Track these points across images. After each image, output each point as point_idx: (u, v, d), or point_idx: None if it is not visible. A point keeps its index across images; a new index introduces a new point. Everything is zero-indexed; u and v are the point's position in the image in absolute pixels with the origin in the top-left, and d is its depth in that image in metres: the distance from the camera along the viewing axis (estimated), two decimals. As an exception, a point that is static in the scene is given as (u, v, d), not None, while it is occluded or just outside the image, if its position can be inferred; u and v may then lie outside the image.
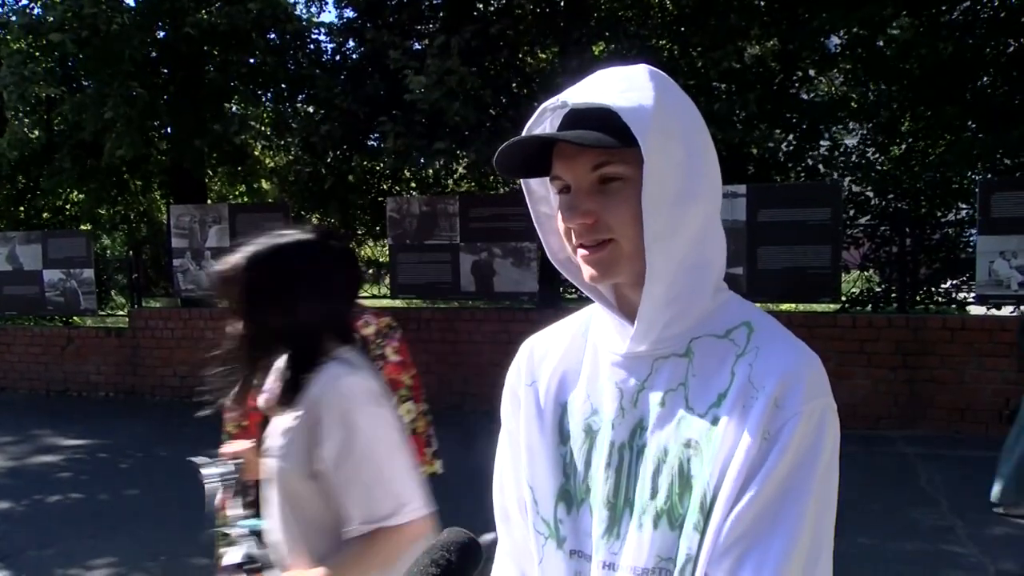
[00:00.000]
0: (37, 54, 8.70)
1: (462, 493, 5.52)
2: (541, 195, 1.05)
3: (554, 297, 9.02)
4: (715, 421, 0.93)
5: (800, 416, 0.89)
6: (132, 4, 8.50)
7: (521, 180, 1.05)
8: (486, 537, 1.06)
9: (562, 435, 1.06)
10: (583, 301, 1.11)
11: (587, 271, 0.97)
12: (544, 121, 0.99)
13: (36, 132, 10.31)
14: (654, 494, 0.96)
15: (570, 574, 1.02)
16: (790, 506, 0.88)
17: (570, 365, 1.08)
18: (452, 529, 0.93)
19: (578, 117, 0.94)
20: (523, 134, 0.97)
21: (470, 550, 0.89)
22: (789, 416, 0.89)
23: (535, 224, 1.06)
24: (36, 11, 8.87)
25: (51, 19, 7.93)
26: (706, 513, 0.91)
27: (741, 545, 0.89)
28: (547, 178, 1.01)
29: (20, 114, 9.72)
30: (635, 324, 0.97)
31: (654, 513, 0.95)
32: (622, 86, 0.93)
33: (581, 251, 0.96)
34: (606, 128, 0.90)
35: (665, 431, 0.96)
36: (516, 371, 1.14)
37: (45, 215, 13.04)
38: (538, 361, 1.12)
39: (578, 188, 0.95)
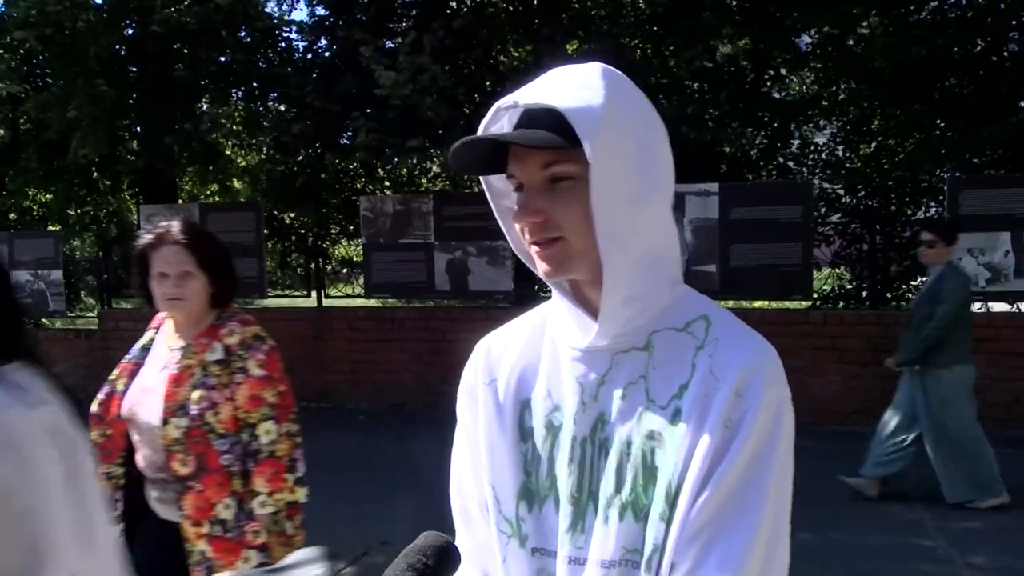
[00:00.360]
0: (1, 51, 8.56)
1: (441, 494, 5.51)
2: (501, 190, 1.06)
3: (529, 296, 9.00)
4: (677, 412, 0.95)
5: (760, 405, 0.91)
6: (99, 1, 8.37)
7: (481, 177, 1.05)
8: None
9: (522, 432, 1.06)
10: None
11: (541, 266, 0.98)
12: (501, 119, 0.99)
13: (1, 131, 10.14)
14: (619, 487, 0.97)
15: (533, 572, 1.02)
16: (753, 493, 0.91)
17: (529, 361, 1.08)
18: (428, 533, 0.91)
19: (533, 116, 0.94)
20: (478, 133, 0.97)
21: (447, 554, 0.88)
22: (750, 405, 0.91)
23: (497, 218, 1.07)
24: (0, 7, 8.73)
25: (15, 15, 7.79)
26: (671, 503, 0.93)
27: (707, 532, 0.91)
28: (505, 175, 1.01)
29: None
30: (598, 321, 0.98)
31: (619, 506, 0.96)
32: (574, 85, 0.93)
33: (534, 247, 0.98)
34: (558, 127, 0.91)
35: (627, 424, 0.97)
36: (473, 369, 1.15)
37: (12, 216, 12.83)
38: (496, 359, 1.12)
39: (529, 187, 0.96)
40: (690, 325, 0.99)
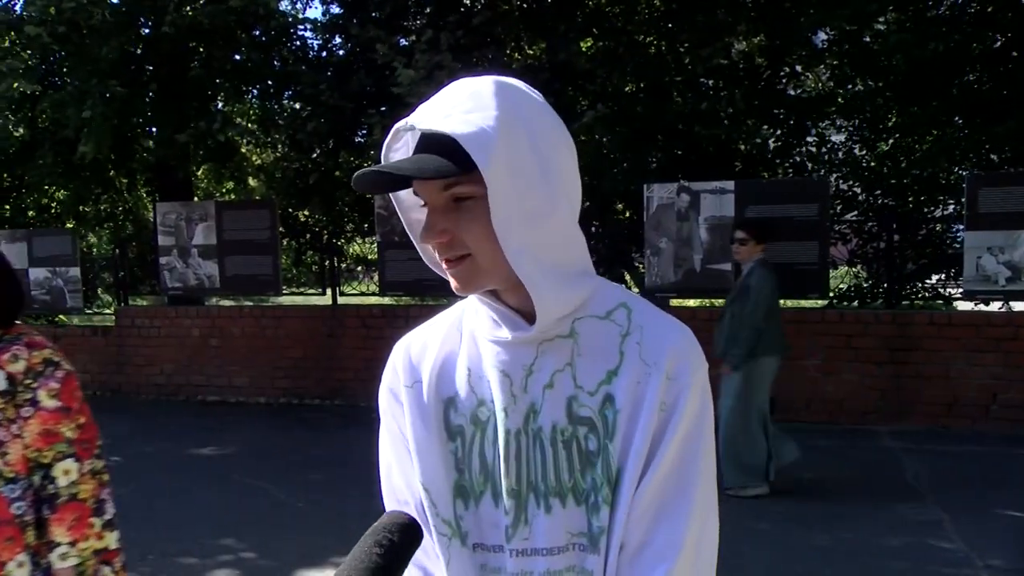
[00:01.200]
0: (17, 49, 8.61)
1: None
2: (409, 203, 1.07)
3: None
4: (608, 398, 0.99)
5: (690, 387, 0.98)
6: (115, 0, 8.41)
7: (390, 194, 1.05)
8: None
9: (449, 431, 1.07)
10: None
11: (452, 282, 1.01)
12: (402, 138, 1.01)
13: (21, 129, 10.22)
14: (556, 475, 1.00)
15: (476, 568, 1.04)
16: (690, 469, 0.98)
17: (448, 359, 1.09)
18: (392, 511, 0.96)
19: (431, 138, 0.95)
20: (382, 154, 1.01)
21: (411, 530, 0.92)
22: (682, 387, 0.98)
23: (407, 231, 1.08)
24: (17, 7, 8.79)
25: (32, 14, 7.84)
26: (614, 486, 0.98)
27: (652, 510, 0.97)
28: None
29: (7, 112, 9.62)
30: (535, 325, 0.99)
31: (559, 493, 0.99)
32: (467, 106, 0.94)
33: (444, 263, 1.01)
34: (455, 148, 0.91)
35: (557, 411, 1.00)
36: (393, 371, 1.15)
37: (31, 214, 12.93)
38: (416, 359, 1.12)
39: (433, 207, 0.98)
40: (611, 313, 1.02)
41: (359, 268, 11.92)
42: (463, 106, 0.94)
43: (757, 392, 5.25)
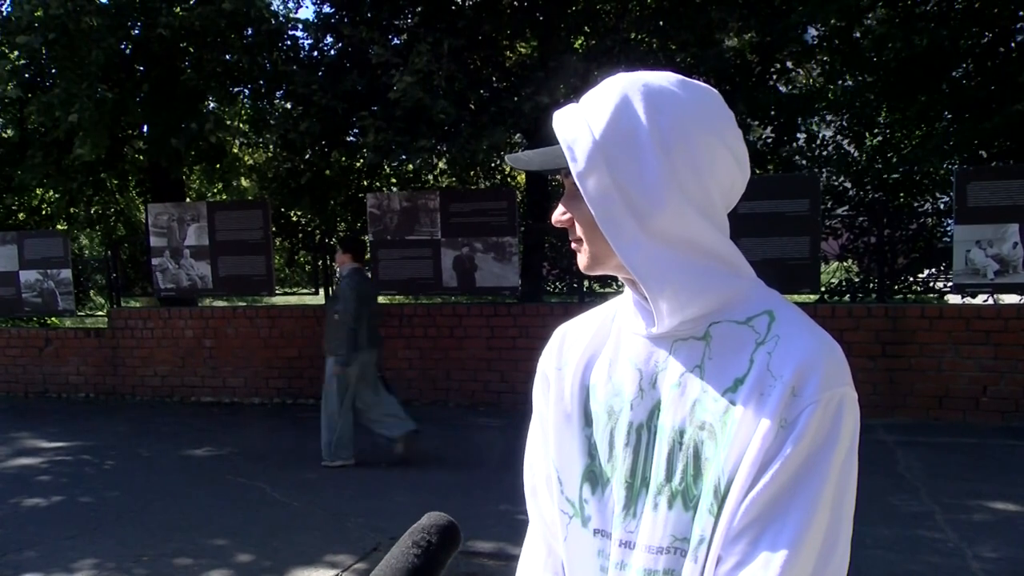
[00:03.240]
0: (5, 50, 8.56)
1: (448, 489, 5.53)
2: None
3: (536, 291, 9.03)
4: (731, 406, 0.95)
5: (817, 404, 0.91)
6: (105, 1, 8.37)
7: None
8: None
9: (587, 417, 1.09)
10: (564, 296, 1.14)
11: (578, 261, 1.07)
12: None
13: (9, 130, 10.18)
14: (669, 475, 0.98)
15: (594, 551, 1.05)
16: (804, 493, 0.90)
17: (596, 349, 1.12)
18: (432, 513, 0.95)
19: None
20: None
21: (450, 533, 0.92)
22: (806, 404, 0.91)
23: None
24: (6, 9, 8.74)
25: (20, 18, 7.78)
26: (720, 497, 0.93)
27: (754, 529, 0.91)
28: None
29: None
30: (656, 320, 1.01)
31: (669, 493, 0.98)
32: (585, 113, 0.99)
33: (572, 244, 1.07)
34: None
35: (680, 412, 0.99)
36: (548, 356, 1.18)
37: (21, 216, 12.88)
38: (569, 346, 1.16)
39: (565, 191, 1.05)
40: (752, 320, 0.99)
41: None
42: (583, 111, 0.99)
43: (355, 380, 6.20)
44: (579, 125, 0.98)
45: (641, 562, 0.99)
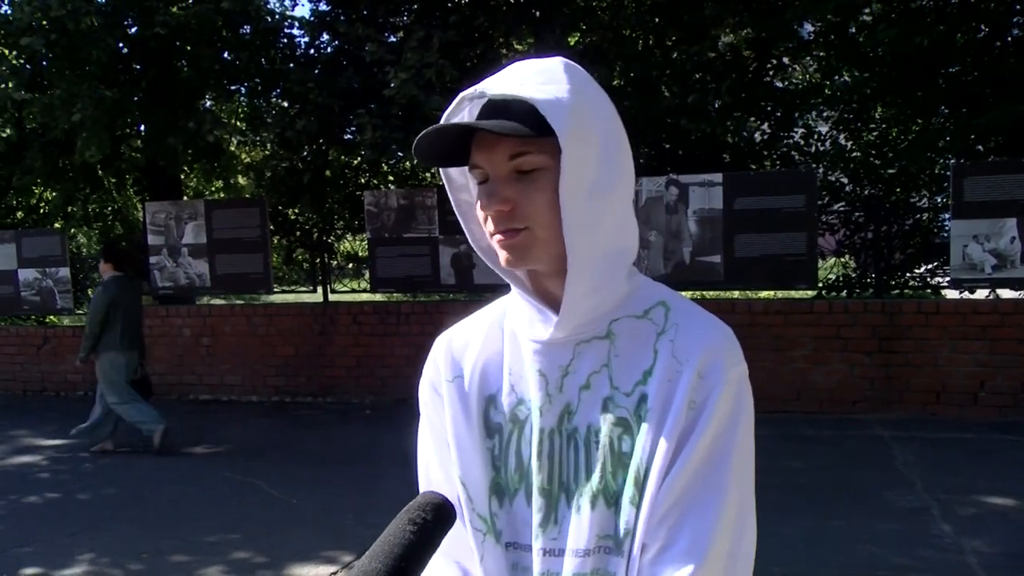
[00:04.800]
0: (5, 51, 8.55)
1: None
2: (461, 183, 1.07)
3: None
4: (643, 398, 0.97)
5: (723, 385, 0.94)
6: (103, 0, 8.35)
7: (441, 169, 1.06)
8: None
9: (488, 428, 1.07)
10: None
11: (503, 255, 0.99)
12: (463, 110, 1.01)
13: (8, 130, 10.16)
14: (588, 475, 0.98)
15: (508, 566, 1.04)
16: (719, 471, 0.93)
17: (490, 356, 1.09)
18: (427, 491, 0.96)
19: (496, 108, 0.96)
20: (442, 122, 0.98)
21: (444, 510, 0.92)
22: (713, 385, 0.94)
23: (456, 211, 1.08)
24: (5, 10, 8.72)
25: (19, 18, 7.77)
26: (640, 486, 0.95)
27: (675, 512, 0.93)
28: (467, 167, 1.02)
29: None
30: (560, 313, 0.99)
31: (591, 494, 0.98)
32: (539, 79, 0.95)
33: (497, 236, 0.98)
34: (523, 120, 0.92)
35: (593, 413, 0.99)
36: (435, 365, 1.15)
37: (19, 214, 12.86)
38: (458, 355, 1.12)
39: (496, 176, 0.97)
40: (649, 312, 1.01)
41: (350, 265, 11.92)
42: (535, 79, 0.95)
43: (105, 377, 6.77)
44: (551, 94, 0.92)
45: (570, 568, 0.98)
